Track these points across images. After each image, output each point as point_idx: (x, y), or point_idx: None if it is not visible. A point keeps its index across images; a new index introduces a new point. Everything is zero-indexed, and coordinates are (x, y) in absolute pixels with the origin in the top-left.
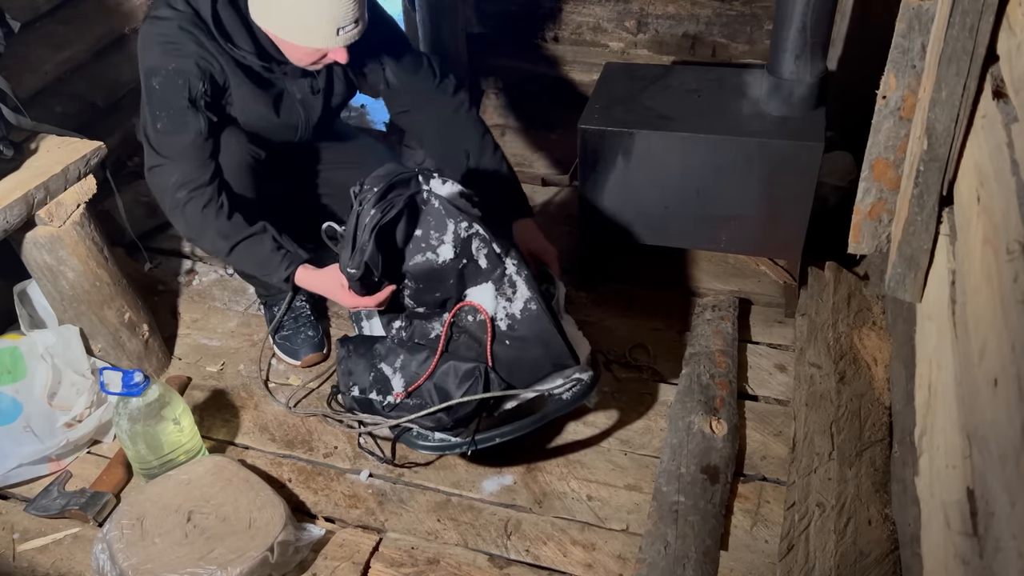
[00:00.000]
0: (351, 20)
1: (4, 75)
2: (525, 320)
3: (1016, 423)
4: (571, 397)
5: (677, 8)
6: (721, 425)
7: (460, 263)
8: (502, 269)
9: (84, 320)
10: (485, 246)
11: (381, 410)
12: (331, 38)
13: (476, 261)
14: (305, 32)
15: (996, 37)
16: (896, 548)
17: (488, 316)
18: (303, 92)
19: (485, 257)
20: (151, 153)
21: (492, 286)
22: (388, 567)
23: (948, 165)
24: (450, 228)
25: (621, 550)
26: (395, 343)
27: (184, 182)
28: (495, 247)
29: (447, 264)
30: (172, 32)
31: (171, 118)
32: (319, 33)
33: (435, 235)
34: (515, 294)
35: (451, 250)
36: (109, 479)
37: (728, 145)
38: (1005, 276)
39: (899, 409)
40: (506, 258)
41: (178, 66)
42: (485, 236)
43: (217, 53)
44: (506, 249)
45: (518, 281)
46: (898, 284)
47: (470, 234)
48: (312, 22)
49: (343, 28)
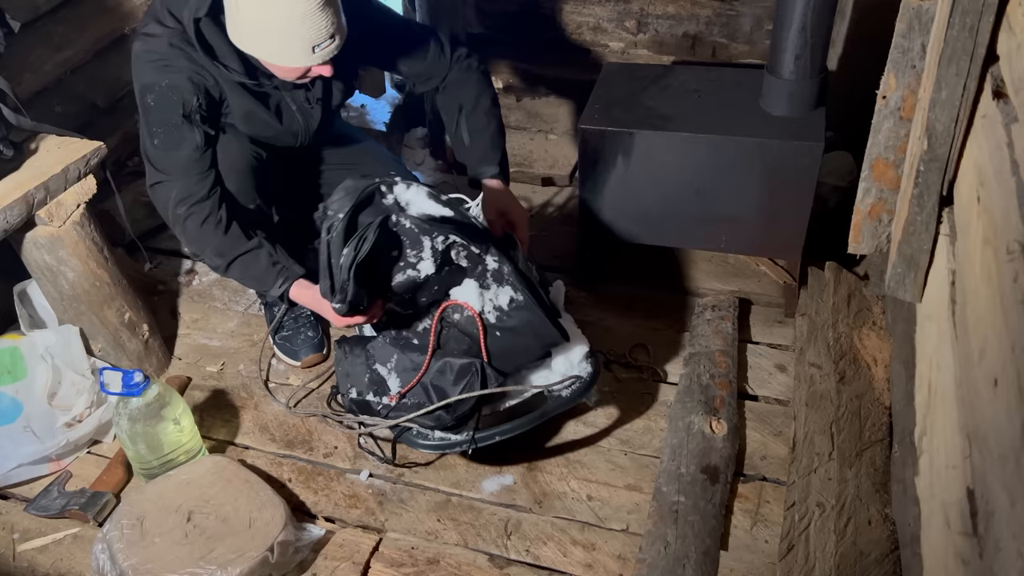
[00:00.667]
0: (326, 36)
1: (4, 75)
2: (513, 311)
3: (1016, 423)
4: (570, 394)
5: (677, 8)
6: (721, 425)
7: (442, 271)
8: (483, 266)
9: (84, 320)
10: (464, 249)
11: (379, 411)
12: (307, 56)
13: (457, 263)
14: (280, 54)
15: (996, 37)
16: (896, 548)
17: (475, 312)
18: (299, 102)
19: (465, 259)
20: (151, 169)
21: (475, 282)
22: (388, 567)
23: (948, 165)
24: (427, 245)
25: (621, 550)
26: (387, 341)
27: (183, 197)
28: (473, 248)
29: (430, 277)
30: (163, 49)
31: (167, 134)
32: (294, 53)
33: (413, 253)
34: (500, 287)
35: (431, 265)
36: (109, 479)
37: (728, 145)
38: (1005, 276)
39: (899, 409)
40: (486, 256)
41: (171, 82)
42: (462, 242)
43: (209, 67)
44: (485, 247)
45: (502, 273)
46: (898, 284)
47: (447, 245)
48: (285, 44)
49: (318, 46)
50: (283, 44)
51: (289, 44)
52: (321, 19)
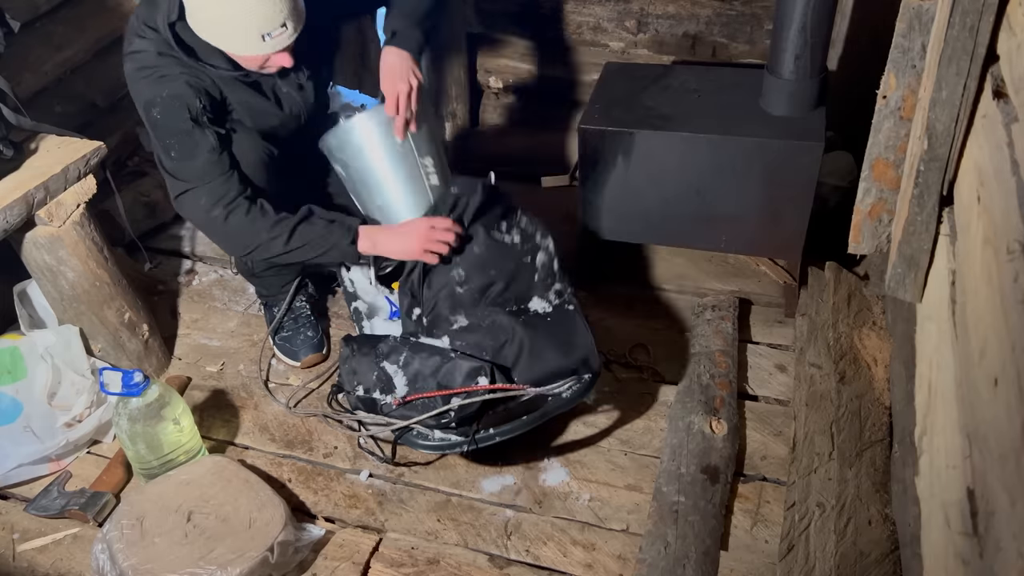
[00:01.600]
0: (276, 25)
1: (4, 75)
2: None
3: (1016, 423)
4: (571, 395)
5: (677, 8)
6: (721, 425)
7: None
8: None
9: (84, 320)
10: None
11: (384, 410)
12: (257, 44)
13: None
14: (230, 41)
15: (996, 37)
16: (896, 548)
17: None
18: (291, 85)
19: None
20: (173, 182)
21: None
22: (388, 567)
23: (948, 165)
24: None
25: (621, 550)
26: (398, 339)
27: (216, 201)
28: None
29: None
30: (152, 60)
31: (181, 143)
32: (243, 41)
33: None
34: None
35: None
36: (109, 479)
37: (728, 145)
38: (1005, 276)
39: (899, 409)
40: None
41: (171, 91)
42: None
43: (199, 68)
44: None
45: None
46: (898, 284)
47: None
48: (232, 31)
49: (268, 34)
50: (234, 33)
51: (236, 31)
52: (268, 6)
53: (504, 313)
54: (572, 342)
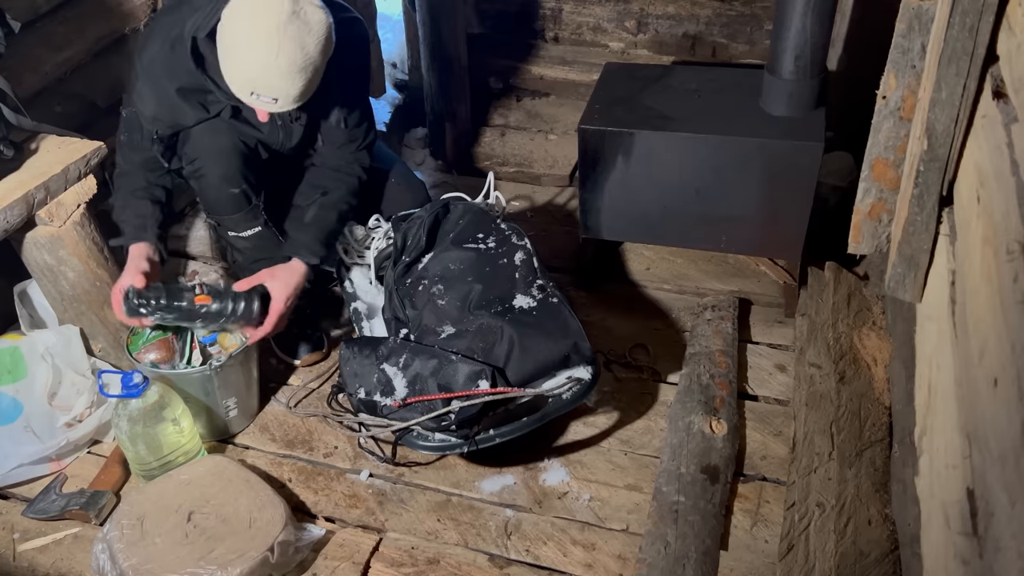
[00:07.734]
0: (269, 94)
1: (4, 75)
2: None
3: (1016, 423)
4: (571, 396)
5: (677, 8)
6: (721, 425)
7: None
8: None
9: (84, 320)
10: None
11: (384, 412)
12: (244, 94)
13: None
14: (228, 72)
15: (996, 37)
16: (896, 548)
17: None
18: (283, 118)
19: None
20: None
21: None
22: (388, 567)
23: (948, 165)
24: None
25: (621, 550)
26: (398, 341)
27: (133, 149)
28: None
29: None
30: (163, 56)
31: (152, 88)
32: (236, 82)
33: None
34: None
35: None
36: (107, 478)
37: (728, 145)
38: (1005, 276)
39: (899, 409)
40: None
41: (178, 52)
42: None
43: (200, 77)
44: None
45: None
46: (898, 284)
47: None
48: (235, 67)
49: (257, 95)
50: (235, 69)
51: (238, 72)
52: (275, 78)
53: (490, 315)
54: (560, 330)
